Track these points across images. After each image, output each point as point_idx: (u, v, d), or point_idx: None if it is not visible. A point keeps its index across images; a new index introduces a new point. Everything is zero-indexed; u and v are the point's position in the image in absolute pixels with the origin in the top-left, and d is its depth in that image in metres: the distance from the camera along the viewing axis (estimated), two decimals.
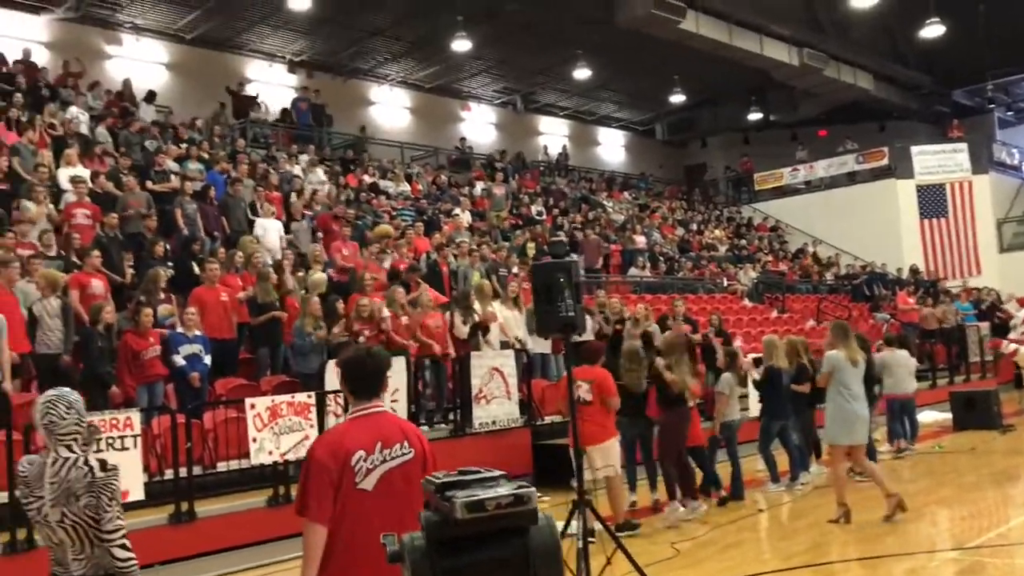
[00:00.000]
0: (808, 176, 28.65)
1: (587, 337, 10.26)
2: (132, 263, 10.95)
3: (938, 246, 26.14)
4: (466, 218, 17.89)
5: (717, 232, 25.97)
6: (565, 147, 28.70)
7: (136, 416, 7.57)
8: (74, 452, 3.42)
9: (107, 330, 8.96)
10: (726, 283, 21.23)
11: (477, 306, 11.98)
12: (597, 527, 6.55)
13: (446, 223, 16.98)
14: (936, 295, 22.64)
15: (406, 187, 18.97)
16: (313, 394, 8.59)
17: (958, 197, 26.15)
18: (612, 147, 31.78)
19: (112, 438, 7.18)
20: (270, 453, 8.16)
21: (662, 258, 21.02)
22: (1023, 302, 21.80)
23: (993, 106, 30.47)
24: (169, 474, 7.94)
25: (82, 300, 9.38)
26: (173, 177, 13.60)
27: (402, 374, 9.56)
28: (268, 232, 12.93)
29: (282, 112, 21.03)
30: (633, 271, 19.67)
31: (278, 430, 8.21)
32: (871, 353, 10.42)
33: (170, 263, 11.11)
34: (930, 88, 29.19)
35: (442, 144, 24.65)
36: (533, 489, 2.73)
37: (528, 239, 17.69)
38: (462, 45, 21.04)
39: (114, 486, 3.41)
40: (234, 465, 8.42)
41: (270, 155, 17.74)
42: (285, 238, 13.30)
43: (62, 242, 10.51)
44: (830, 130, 29.99)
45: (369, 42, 22.34)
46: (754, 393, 10.99)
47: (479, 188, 20.95)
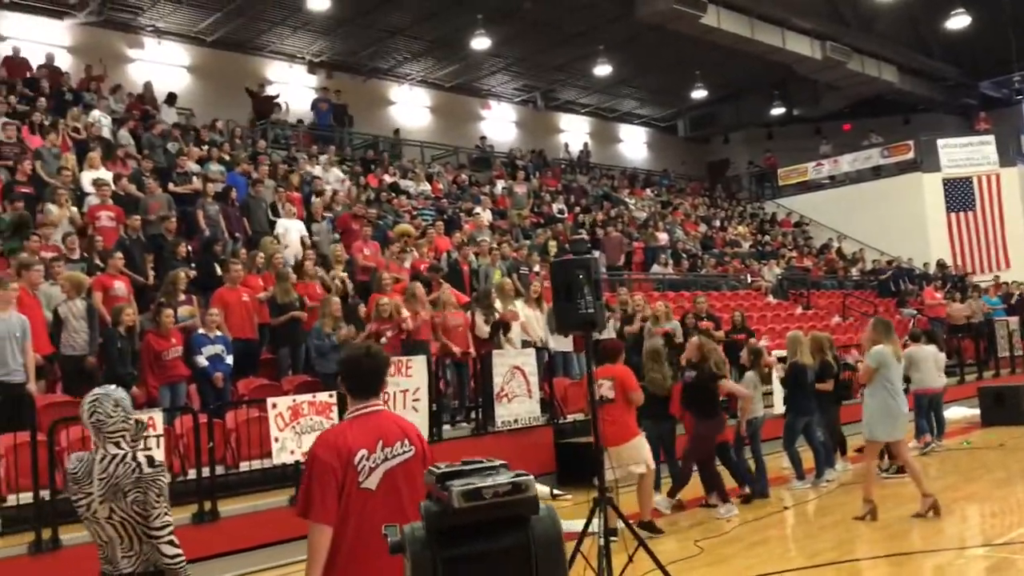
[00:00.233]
0: (832, 171, 28.33)
1: (607, 335, 10.21)
2: (154, 264, 11.02)
3: (965, 240, 25.77)
4: (487, 217, 17.87)
5: (740, 228, 25.76)
6: (586, 144, 28.59)
7: (159, 416, 7.63)
8: (122, 448, 3.46)
9: (129, 331, 9.03)
10: (750, 279, 21.08)
11: (498, 305, 11.95)
12: (620, 526, 6.50)
13: (467, 222, 16.94)
14: (964, 290, 22.35)
15: (427, 186, 18.96)
16: (334, 393, 8.58)
17: (985, 190, 25.76)
18: (634, 144, 31.60)
19: None
20: (292, 452, 8.18)
21: (685, 255, 20.85)
22: None
23: (1021, 97, 30.02)
24: (192, 474, 7.98)
25: (105, 302, 9.47)
26: (195, 179, 13.68)
27: (423, 373, 9.56)
28: (289, 232, 12.97)
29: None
30: (656, 268, 19.54)
31: (299, 429, 8.23)
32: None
33: (192, 264, 11.17)
34: (956, 80, 28.74)
35: (462, 143, 24.61)
36: (531, 478, 2.68)
37: (549, 237, 17.59)
38: (481, 43, 21.05)
39: (162, 482, 3.44)
40: (256, 465, 8.48)
41: (291, 156, 17.81)
42: (307, 239, 13.33)
43: (85, 245, 10.59)
44: (854, 124, 29.64)
45: (389, 42, 22.37)
46: (779, 390, 10.89)
47: (500, 186, 20.90)
